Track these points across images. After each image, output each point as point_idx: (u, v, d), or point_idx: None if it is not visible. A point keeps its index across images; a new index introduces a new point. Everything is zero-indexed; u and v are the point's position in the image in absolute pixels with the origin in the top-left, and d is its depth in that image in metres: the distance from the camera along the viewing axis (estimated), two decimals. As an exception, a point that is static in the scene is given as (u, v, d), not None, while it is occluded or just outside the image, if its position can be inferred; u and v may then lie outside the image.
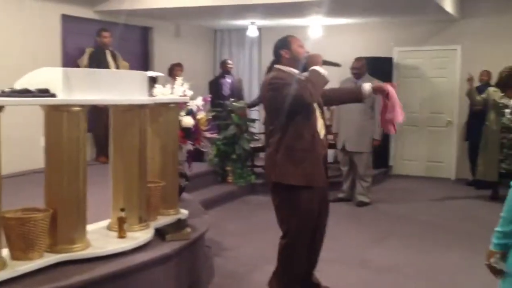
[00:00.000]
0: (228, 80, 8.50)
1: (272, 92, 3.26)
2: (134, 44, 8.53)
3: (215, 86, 8.47)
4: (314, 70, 3.28)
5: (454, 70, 8.65)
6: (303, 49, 3.44)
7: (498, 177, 6.84)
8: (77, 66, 6.97)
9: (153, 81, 4.14)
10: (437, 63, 8.80)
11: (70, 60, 7.05)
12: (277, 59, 3.44)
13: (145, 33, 8.86)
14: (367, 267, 4.38)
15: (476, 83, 7.92)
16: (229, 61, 8.77)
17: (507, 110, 6.71)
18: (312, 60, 3.37)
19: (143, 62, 8.74)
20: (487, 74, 7.86)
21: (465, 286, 4.03)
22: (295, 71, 3.37)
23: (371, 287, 3.89)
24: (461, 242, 5.15)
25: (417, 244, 5.08)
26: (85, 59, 7.08)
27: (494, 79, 7.32)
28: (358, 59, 6.83)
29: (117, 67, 7.06)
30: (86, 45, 7.37)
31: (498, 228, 1.96)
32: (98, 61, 6.72)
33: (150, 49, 8.90)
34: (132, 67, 7.39)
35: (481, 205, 6.86)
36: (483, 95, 6.99)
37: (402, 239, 5.25)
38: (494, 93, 6.87)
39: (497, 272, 1.98)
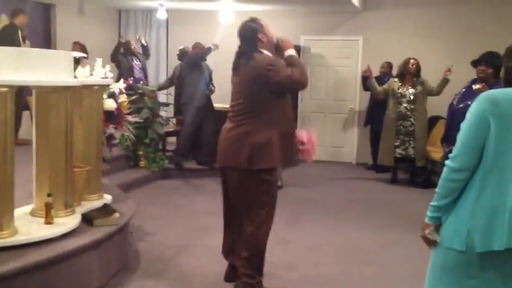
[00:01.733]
0: (136, 62, 8.26)
1: (270, 72, 3.22)
2: (35, 22, 8.05)
3: (123, 64, 8.17)
4: (295, 56, 3.39)
5: (357, 60, 9.10)
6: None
7: (394, 162, 7.36)
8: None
9: (76, 62, 3.99)
10: (341, 52, 9.20)
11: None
12: (253, 43, 3.35)
13: (46, 10, 8.40)
14: (288, 247, 4.55)
15: (377, 73, 8.42)
16: (133, 42, 8.47)
17: (404, 99, 7.20)
18: (285, 44, 3.42)
19: (44, 40, 8.29)
20: (388, 65, 8.35)
21: (380, 261, 4.32)
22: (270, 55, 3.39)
23: (295, 266, 4.05)
24: (370, 221, 5.50)
25: (331, 225, 5.34)
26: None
27: (395, 70, 7.81)
28: None
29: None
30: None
31: (432, 203, 2.16)
32: (9, 39, 6.26)
33: (52, 27, 8.45)
34: (33, 46, 6.99)
35: (383, 187, 7.34)
36: (385, 86, 7.44)
37: (316, 220, 5.50)
38: (394, 83, 7.34)
39: (430, 243, 2.19)
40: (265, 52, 3.38)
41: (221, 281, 3.70)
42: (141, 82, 7.51)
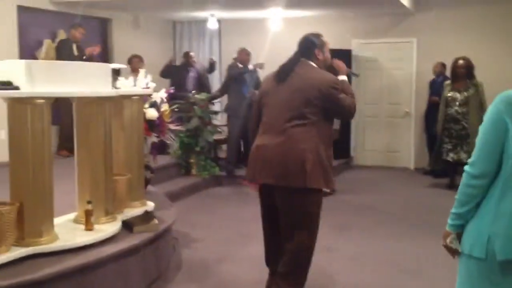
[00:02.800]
0: (192, 74, 8.42)
1: (336, 91, 3.14)
2: (93, 36, 8.39)
3: (177, 73, 8.36)
4: (347, 82, 3.36)
5: (411, 62, 8.88)
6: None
7: (443, 166, 7.18)
8: (35, 58, 6.83)
9: (116, 73, 4.12)
10: (394, 55, 9.00)
11: (27, 52, 6.90)
12: (308, 54, 3.26)
13: (104, 25, 8.74)
14: (333, 255, 4.47)
15: (432, 76, 8.18)
16: (192, 54, 8.68)
17: (455, 102, 6.92)
18: (340, 67, 3.41)
19: (102, 54, 8.60)
20: (441, 66, 8.09)
21: (430, 271, 4.16)
22: None
23: (340, 275, 3.97)
24: (423, 229, 5.29)
25: (380, 233, 5.20)
26: (43, 52, 6.94)
27: (449, 71, 7.54)
28: None
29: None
30: (43, 37, 7.24)
31: (452, 210, 2.07)
32: (65, 54, 6.57)
33: (109, 41, 8.78)
34: (91, 59, 7.27)
35: (439, 193, 7.07)
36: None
37: (365, 228, 5.37)
38: (445, 86, 7.09)
39: (453, 252, 2.09)
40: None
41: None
42: (192, 92, 7.64)
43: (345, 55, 8.83)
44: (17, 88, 2.92)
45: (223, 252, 4.51)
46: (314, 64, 3.25)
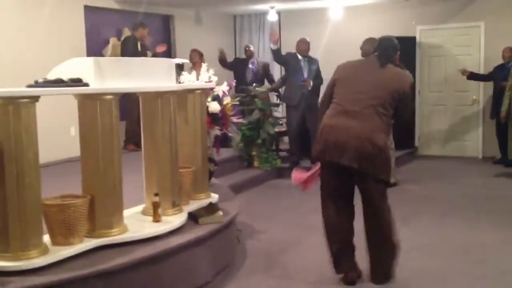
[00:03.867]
0: (250, 66, 8.45)
1: (412, 92, 3.59)
2: (156, 33, 8.58)
3: (239, 67, 8.41)
4: None
5: (479, 47, 8.54)
6: None
7: None
8: (102, 56, 7.06)
9: (179, 68, 4.19)
10: (461, 40, 8.68)
11: (94, 50, 7.13)
12: (390, 57, 3.51)
13: (166, 21, 8.91)
14: (401, 245, 4.38)
15: (500, 61, 7.82)
16: (250, 46, 8.71)
17: None
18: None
19: (166, 50, 8.78)
20: (510, 50, 7.73)
21: (498, 262, 4.02)
22: None
23: (409, 261, 3.88)
24: (490, 218, 5.13)
25: (447, 223, 5.06)
26: (109, 49, 7.16)
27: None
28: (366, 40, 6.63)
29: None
30: (109, 35, 7.47)
31: None
32: (130, 50, 6.74)
33: (172, 37, 8.95)
34: (155, 55, 7.45)
35: (509, 183, 6.80)
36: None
37: (431, 218, 5.24)
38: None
39: None
40: None
41: (324, 279, 3.67)
42: (254, 84, 7.67)
43: (409, 43, 8.63)
44: (86, 84, 3.03)
45: (287, 242, 4.52)
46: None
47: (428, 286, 3.59)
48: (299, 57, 7.38)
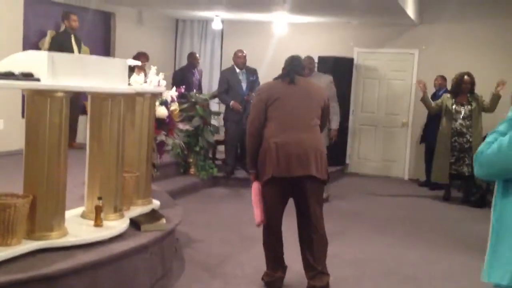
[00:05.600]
0: (194, 75, 8.47)
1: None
2: (95, 29, 8.34)
3: (179, 78, 8.37)
4: None
5: (411, 73, 8.94)
6: None
7: (449, 179, 7.17)
8: (38, 49, 6.77)
9: (131, 70, 4.10)
10: (395, 65, 9.05)
11: (30, 43, 6.83)
12: (301, 70, 3.86)
13: (106, 19, 8.68)
14: (331, 261, 4.47)
15: (432, 88, 8.23)
16: (197, 55, 8.73)
17: (459, 116, 7.00)
18: None
19: (103, 48, 8.57)
20: (441, 79, 8.15)
21: (426, 278, 4.21)
22: None
23: (336, 280, 3.98)
24: (418, 239, 5.37)
25: (376, 240, 5.24)
26: (46, 42, 6.88)
27: (450, 84, 7.60)
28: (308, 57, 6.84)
29: (79, 52, 6.89)
30: (47, 28, 7.18)
31: None
32: (62, 45, 6.52)
33: (112, 35, 8.73)
34: (92, 53, 7.24)
35: (434, 204, 7.15)
36: (438, 101, 7.26)
37: (361, 235, 5.41)
38: (447, 99, 7.15)
39: None
40: None
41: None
42: (194, 91, 7.63)
43: (347, 63, 8.91)
44: (38, 80, 2.90)
45: (225, 253, 4.51)
46: None
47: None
48: (237, 70, 7.43)
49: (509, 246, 1.84)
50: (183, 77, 8.32)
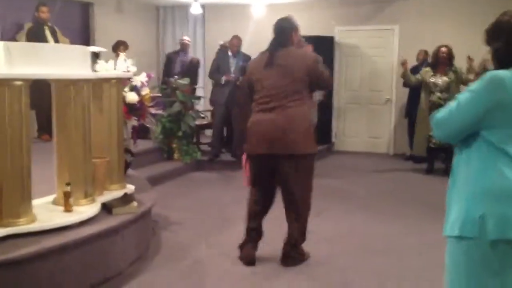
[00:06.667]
0: (182, 58, 8.50)
1: (319, 65, 3.69)
2: (74, 20, 8.34)
3: (169, 61, 8.48)
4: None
5: (392, 49, 8.95)
6: None
7: (427, 152, 7.24)
8: (16, 41, 6.78)
9: (95, 56, 4.12)
10: (376, 42, 9.07)
11: (8, 35, 6.84)
12: (285, 38, 3.71)
13: (85, 8, 8.67)
14: (310, 237, 4.55)
15: (414, 62, 8.25)
16: (186, 37, 8.78)
17: (437, 89, 7.03)
18: (307, 49, 3.98)
19: (83, 38, 8.56)
20: (424, 53, 8.17)
21: (397, 250, 4.28)
22: None
23: (315, 256, 4.05)
24: (396, 211, 5.44)
25: (356, 216, 5.31)
26: (24, 34, 6.89)
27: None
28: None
29: (57, 43, 6.90)
30: (24, 21, 7.18)
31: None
32: (36, 37, 6.53)
33: (91, 24, 8.73)
34: (72, 43, 7.24)
35: (417, 177, 7.22)
36: (418, 76, 7.28)
37: (342, 211, 5.47)
38: (426, 73, 7.18)
39: None
40: None
41: (233, 271, 3.76)
42: (175, 77, 7.65)
43: (328, 42, 8.91)
44: (-6, 69, 2.93)
45: (202, 235, 4.57)
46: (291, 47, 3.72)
47: (333, 275, 3.76)
48: (229, 53, 7.48)
49: (457, 199, 1.99)
50: (168, 63, 8.41)
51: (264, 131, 3.65)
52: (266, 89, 3.68)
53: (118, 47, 7.66)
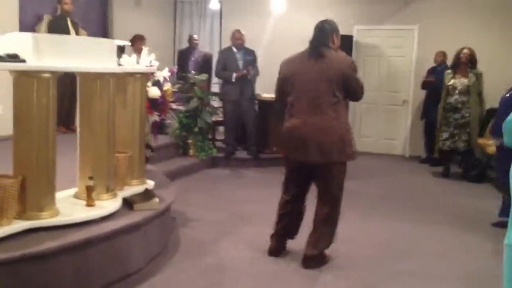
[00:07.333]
0: (192, 57, 8.48)
1: (356, 73, 3.64)
2: (93, 12, 8.32)
3: (183, 57, 8.48)
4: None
5: (411, 49, 8.87)
6: None
7: (441, 155, 7.18)
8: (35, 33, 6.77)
9: (120, 50, 4.10)
10: (395, 42, 8.99)
11: (27, 27, 6.82)
12: (326, 39, 3.64)
13: (104, 1, 8.65)
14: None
15: (433, 64, 8.18)
16: (195, 36, 8.75)
17: (455, 91, 6.94)
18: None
19: (101, 31, 8.55)
20: (442, 54, 8.09)
21: (418, 253, 4.23)
22: None
23: (335, 258, 4.00)
24: (414, 214, 5.38)
25: (373, 217, 5.26)
26: (43, 26, 6.88)
27: (450, 60, 7.53)
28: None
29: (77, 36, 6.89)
30: (44, 12, 7.17)
31: None
32: (58, 29, 6.52)
33: (109, 17, 8.71)
34: (90, 36, 7.23)
35: (433, 180, 7.15)
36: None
37: (359, 212, 5.42)
38: (446, 75, 7.10)
39: None
40: None
41: (255, 268, 3.74)
42: (193, 72, 7.62)
43: (347, 41, 8.80)
44: (23, 61, 2.91)
45: (220, 232, 4.54)
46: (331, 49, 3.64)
47: (355, 276, 3.72)
48: (234, 49, 7.42)
49: None
50: (182, 58, 8.42)
51: (299, 137, 3.61)
52: (302, 90, 3.62)
53: (136, 41, 7.64)
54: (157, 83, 4.46)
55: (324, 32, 3.65)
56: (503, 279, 2.13)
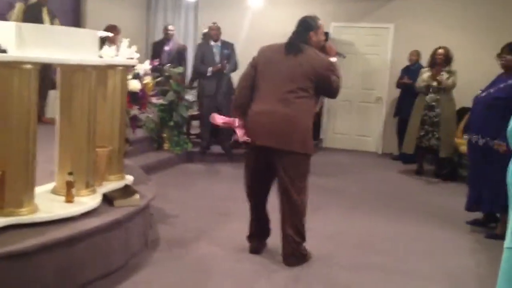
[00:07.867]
0: (166, 48, 8.34)
1: (330, 73, 3.58)
2: (65, 2, 8.11)
3: (157, 49, 8.32)
4: (337, 64, 3.69)
5: (386, 48, 8.94)
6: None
7: (415, 152, 7.24)
8: (6, 21, 6.55)
9: (102, 42, 3.98)
10: (371, 40, 9.04)
11: (-3, 14, 6.62)
12: (303, 37, 3.63)
13: (76, -8, 8.45)
14: (310, 235, 4.50)
15: (406, 62, 8.27)
16: (170, 26, 8.59)
17: (430, 89, 7.03)
18: (330, 51, 3.75)
19: (73, 21, 8.34)
20: (416, 54, 8.19)
21: (395, 250, 4.28)
22: None
23: (316, 254, 3.99)
24: (389, 212, 5.42)
25: (350, 214, 5.29)
26: (15, 14, 6.66)
27: (424, 59, 7.63)
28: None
29: (51, 25, 6.69)
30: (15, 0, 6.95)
31: None
32: (32, 18, 6.31)
33: (82, 8, 8.50)
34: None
35: (406, 178, 7.23)
36: (422, 81, 7.21)
37: (336, 209, 5.44)
38: (423, 73, 7.17)
39: None
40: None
41: (237, 266, 3.70)
42: (168, 65, 7.50)
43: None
44: (4, 51, 2.79)
45: (200, 228, 4.48)
46: (314, 49, 3.61)
47: (336, 274, 3.72)
48: (212, 43, 7.35)
49: None
50: (156, 51, 8.27)
51: (265, 123, 3.59)
52: (273, 79, 3.61)
53: (109, 31, 7.43)
54: (137, 76, 4.36)
55: (305, 27, 3.66)
56: (497, 279, 2.14)
